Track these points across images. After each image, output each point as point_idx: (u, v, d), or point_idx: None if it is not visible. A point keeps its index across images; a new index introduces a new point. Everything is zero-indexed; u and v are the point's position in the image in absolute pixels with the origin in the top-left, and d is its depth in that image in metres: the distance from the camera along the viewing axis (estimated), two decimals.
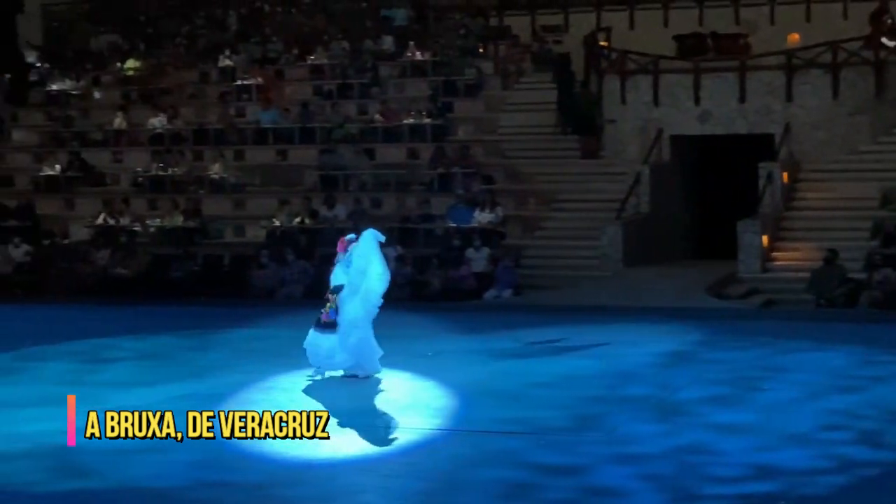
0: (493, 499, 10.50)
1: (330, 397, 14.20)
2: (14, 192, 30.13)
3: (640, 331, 18.28)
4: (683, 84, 27.20)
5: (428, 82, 31.19)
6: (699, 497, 10.39)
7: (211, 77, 33.68)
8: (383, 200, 27.71)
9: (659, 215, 26.30)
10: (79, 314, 22.21)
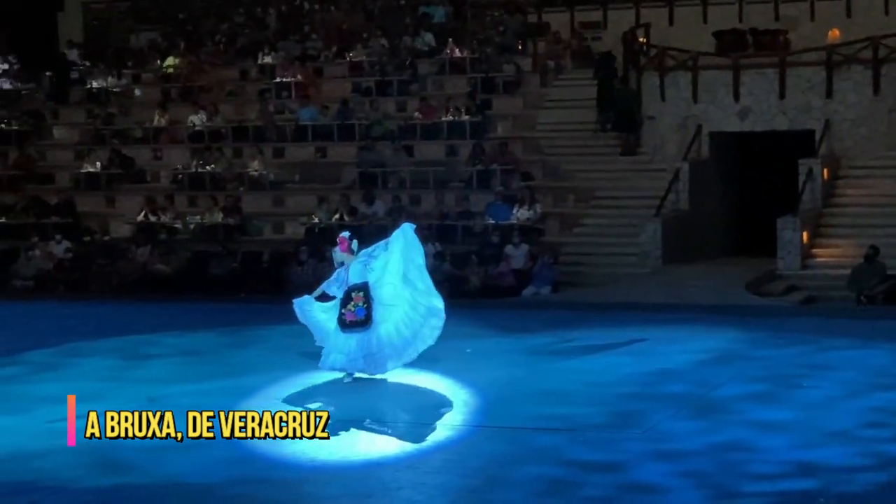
0: (532, 495, 10.50)
1: (365, 395, 14.23)
2: (55, 189, 30.32)
3: (679, 328, 18.22)
4: (723, 80, 27.10)
5: (466, 79, 31.19)
6: (738, 494, 10.36)
7: (250, 74, 33.79)
8: (422, 197, 27.73)
9: (698, 212, 26.22)
10: (119, 311, 22.34)
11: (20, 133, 32.63)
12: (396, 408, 13.70)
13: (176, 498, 10.57)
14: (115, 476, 11.17)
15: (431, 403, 13.81)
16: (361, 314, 14.44)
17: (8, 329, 20.21)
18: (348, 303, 14.49)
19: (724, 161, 27.43)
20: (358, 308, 14.44)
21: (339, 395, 14.24)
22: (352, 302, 14.46)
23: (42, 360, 17.01)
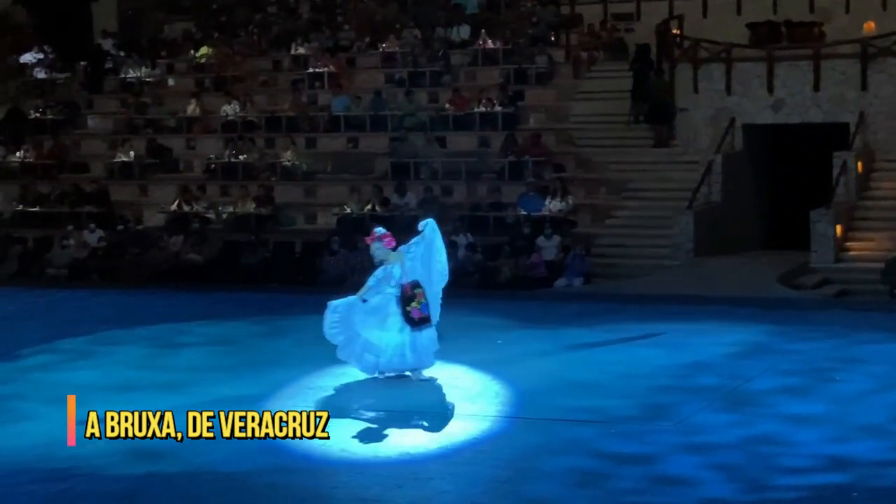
0: (563, 487, 10.51)
1: (397, 386, 14.26)
2: (89, 178, 30.46)
3: (711, 320, 18.16)
4: (756, 72, 27.00)
5: (499, 70, 31.17)
6: (770, 488, 10.35)
7: (283, 65, 33.87)
8: (454, 188, 27.74)
9: (731, 205, 26.14)
10: (152, 299, 22.43)
11: (55, 122, 32.80)
12: (428, 399, 13.70)
13: (208, 486, 10.62)
14: (147, 464, 11.23)
15: (463, 394, 13.83)
16: (426, 310, 14.27)
17: (42, 317, 20.35)
18: (412, 300, 14.24)
19: (757, 153, 27.33)
20: (423, 304, 14.25)
21: (371, 387, 14.26)
22: (415, 299, 14.24)
23: (75, 349, 17.11)
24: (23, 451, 11.80)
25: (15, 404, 13.84)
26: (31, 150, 31.53)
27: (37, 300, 22.63)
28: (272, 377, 14.75)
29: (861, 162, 25.59)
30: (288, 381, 14.53)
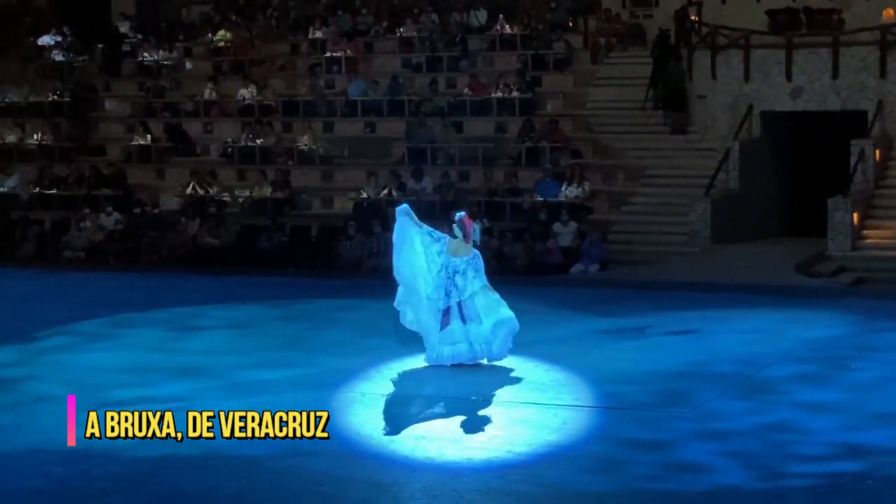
0: (580, 472, 10.52)
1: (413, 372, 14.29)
2: (107, 161, 30.50)
3: (728, 308, 18.14)
4: (775, 59, 26.90)
5: (517, 56, 31.13)
6: (785, 475, 10.35)
7: (301, 49, 33.86)
8: (471, 174, 27.72)
9: (748, 192, 26.09)
10: (168, 283, 22.50)
11: (72, 105, 32.84)
12: (444, 384, 13.72)
13: (225, 469, 10.65)
14: (164, 446, 11.25)
15: (478, 379, 13.84)
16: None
17: (59, 299, 20.40)
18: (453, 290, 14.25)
19: (775, 141, 27.26)
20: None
21: (387, 371, 14.29)
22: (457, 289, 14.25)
23: (93, 331, 17.16)
24: (40, 432, 11.85)
25: (32, 386, 13.90)
26: (48, 132, 31.60)
27: (54, 282, 22.72)
28: (286, 361, 14.80)
29: (879, 150, 25.51)
30: (301, 365, 14.58)
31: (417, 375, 14.08)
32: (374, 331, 16.48)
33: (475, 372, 14.15)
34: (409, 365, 14.45)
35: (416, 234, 14.52)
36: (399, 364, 14.52)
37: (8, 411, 12.78)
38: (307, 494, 10.05)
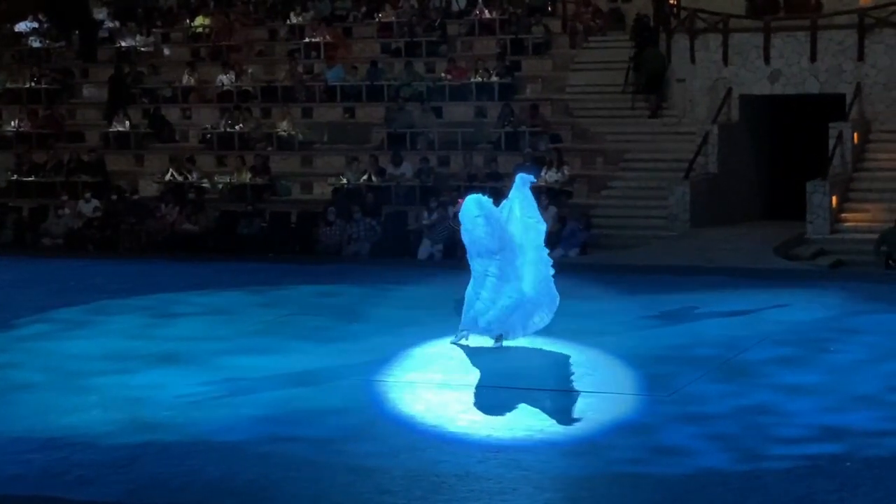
0: (560, 455, 10.54)
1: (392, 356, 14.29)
2: (85, 147, 30.39)
3: (707, 291, 18.19)
4: (753, 43, 26.92)
5: (496, 40, 31.10)
6: (765, 457, 10.37)
7: (279, 34, 33.77)
8: (450, 159, 27.70)
9: (727, 175, 26.12)
10: (147, 269, 22.44)
11: (50, 91, 32.72)
12: (422, 369, 13.73)
13: (205, 455, 10.64)
14: (144, 433, 11.26)
15: (458, 365, 13.86)
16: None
17: (38, 287, 20.34)
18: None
19: (754, 124, 27.29)
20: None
21: (369, 354, 14.29)
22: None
23: (71, 318, 17.12)
24: (19, 420, 11.82)
25: (11, 373, 13.86)
26: (25, 119, 31.46)
27: (32, 270, 22.65)
28: (266, 347, 14.80)
29: (857, 133, 25.57)
30: (282, 350, 14.58)
31: (399, 360, 14.07)
32: (354, 316, 16.48)
33: (451, 357, 14.17)
34: (390, 350, 14.45)
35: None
36: (380, 349, 14.51)
37: None
38: (288, 480, 10.04)
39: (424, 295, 18.09)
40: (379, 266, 22.33)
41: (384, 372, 13.54)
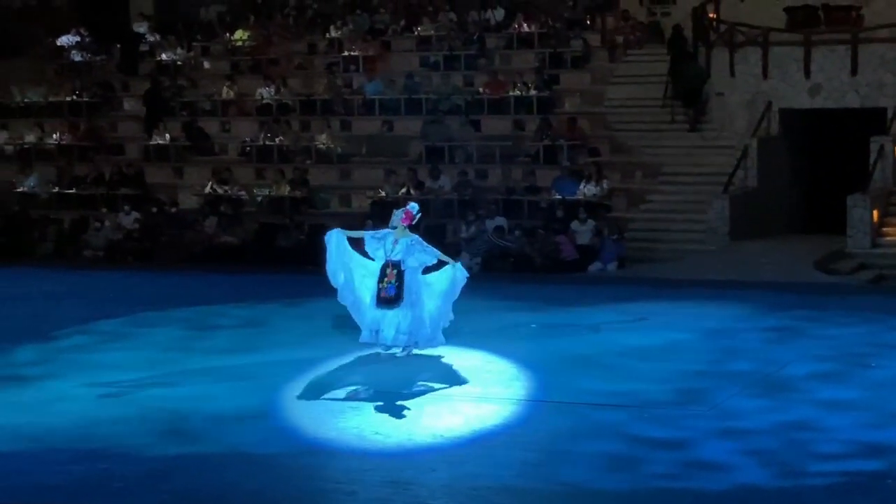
0: (597, 471, 10.50)
1: (427, 369, 14.29)
2: (125, 160, 30.54)
3: (746, 305, 18.11)
4: (793, 57, 26.80)
5: (534, 54, 31.08)
6: (804, 473, 10.31)
7: (319, 48, 33.85)
8: (488, 172, 27.69)
9: (767, 189, 25.99)
10: (186, 281, 22.52)
11: (91, 104, 32.92)
12: (461, 382, 13.71)
13: (240, 467, 10.66)
14: (180, 445, 11.30)
15: (496, 378, 13.84)
16: (392, 292, 14.56)
17: (78, 298, 20.46)
18: (383, 278, 14.61)
19: (793, 138, 27.16)
20: (390, 285, 14.56)
21: (401, 369, 14.29)
22: (386, 278, 14.59)
23: (111, 330, 17.21)
24: (59, 431, 11.88)
25: (51, 384, 13.93)
26: (66, 132, 31.67)
27: (73, 281, 22.78)
28: (305, 359, 14.82)
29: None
30: (319, 363, 14.60)
31: (433, 372, 14.06)
32: None
33: (489, 370, 14.17)
34: (426, 362, 14.44)
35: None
36: (417, 363, 14.51)
37: (27, 410, 12.81)
38: (325, 493, 10.04)
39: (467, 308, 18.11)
40: None
41: (419, 384, 13.55)
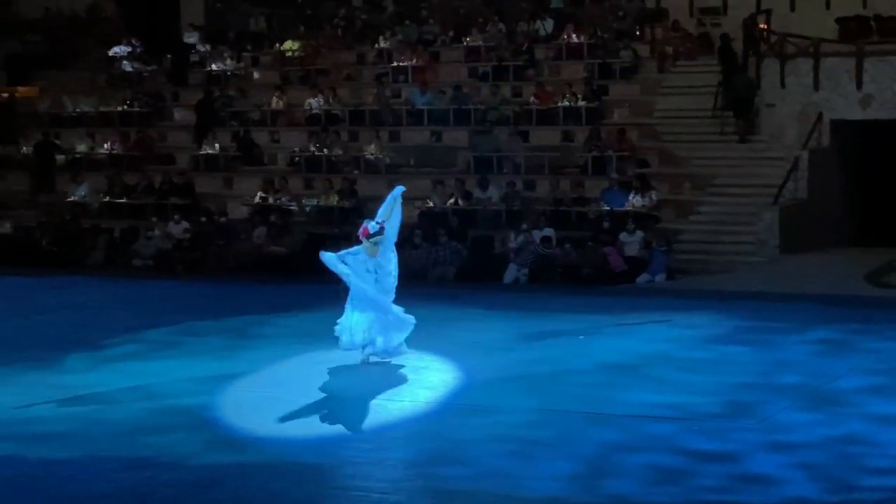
0: (645, 484, 10.43)
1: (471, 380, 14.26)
2: (175, 169, 30.72)
3: (797, 318, 17.99)
4: (845, 68, 26.61)
5: (583, 65, 31.02)
6: (855, 488, 10.21)
7: (367, 58, 33.94)
8: (537, 183, 27.66)
9: (817, 201, 25.82)
10: (235, 291, 22.61)
11: (141, 114, 33.14)
12: (506, 394, 13.67)
13: (288, 476, 10.66)
14: (228, 454, 11.32)
15: (543, 389, 13.79)
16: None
17: (128, 307, 20.57)
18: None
19: (845, 149, 26.96)
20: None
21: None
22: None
23: (160, 339, 17.30)
24: (107, 439, 11.94)
25: (99, 393, 14.01)
26: (117, 141, 31.89)
27: (122, 291, 22.91)
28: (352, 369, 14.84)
29: None
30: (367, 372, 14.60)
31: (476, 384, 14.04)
32: (437, 338, 16.47)
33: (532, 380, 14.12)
34: (467, 374, 14.43)
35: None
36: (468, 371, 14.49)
37: (75, 418, 12.88)
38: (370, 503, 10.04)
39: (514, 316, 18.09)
40: (463, 289, 22.34)
41: (468, 395, 13.52)
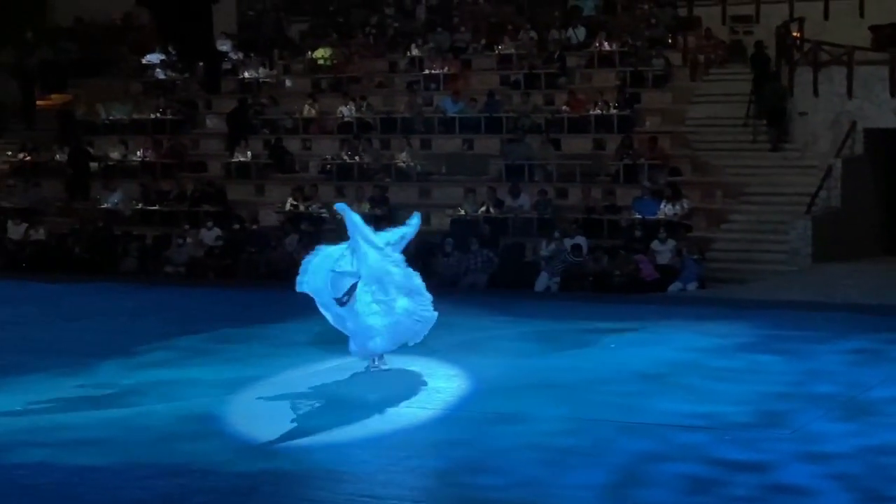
0: (677, 493, 10.42)
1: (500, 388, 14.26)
2: (207, 177, 30.84)
3: (830, 327, 17.91)
4: (879, 76, 26.48)
5: (615, 73, 30.99)
6: (889, 499, 10.18)
7: (399, 66, 33.99)
8: (568, 191, 27.63)
9: (851, 210, 25.70)
10: (267, 298, 22.63)
11: (174, 122, 33.28)
12: (537, 403, 13.66)
13: (322, 484, 10.69)
14: (262, 461, 11.35)
15: (575, 399, 13.78)
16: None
17: (160, 314, 20.63)
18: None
19: (878, 158, 26.83)
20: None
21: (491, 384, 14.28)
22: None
23: (193, 346, 17.36)
24: (141, 446, 11.99)
25: (133, 400, 14.07)
26: (150, 149, 32.03)
27: (155, 298, 22.97)
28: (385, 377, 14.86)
29: None
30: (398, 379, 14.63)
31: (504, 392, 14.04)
32: (468, 346, 16.48)
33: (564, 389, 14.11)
34: (504, 380, 14.42)
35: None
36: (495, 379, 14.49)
37: (109, 425, 12.94)
38: None
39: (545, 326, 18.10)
40: (495, 297, 22.36)
41: (499, 403, 13.52)
